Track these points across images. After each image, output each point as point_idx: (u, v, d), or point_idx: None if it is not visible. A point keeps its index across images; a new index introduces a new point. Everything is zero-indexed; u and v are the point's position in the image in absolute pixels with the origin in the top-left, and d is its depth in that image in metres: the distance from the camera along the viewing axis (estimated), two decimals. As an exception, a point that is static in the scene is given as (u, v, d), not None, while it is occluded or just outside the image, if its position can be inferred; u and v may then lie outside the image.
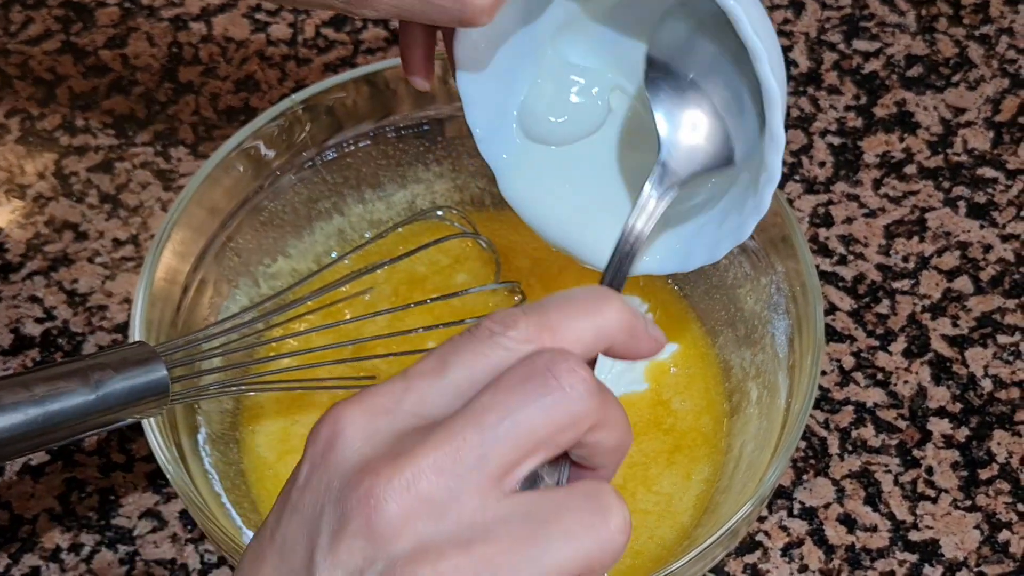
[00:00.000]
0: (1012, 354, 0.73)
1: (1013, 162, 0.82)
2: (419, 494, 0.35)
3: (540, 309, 0.38)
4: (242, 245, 0.70)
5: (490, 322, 0.38)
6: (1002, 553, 0.67)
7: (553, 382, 0.36)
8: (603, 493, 0.37)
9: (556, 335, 0.37)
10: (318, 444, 0.38)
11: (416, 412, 0.37)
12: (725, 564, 0.66)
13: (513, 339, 0.37)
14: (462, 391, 0.37)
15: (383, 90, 0.71)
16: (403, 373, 0.38)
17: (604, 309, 0.38)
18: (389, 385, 0.38)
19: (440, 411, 0.37)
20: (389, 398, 0.37)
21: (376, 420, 0.37)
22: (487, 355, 0.37)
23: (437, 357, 0.38)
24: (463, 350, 0.37)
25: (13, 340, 0.75)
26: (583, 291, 0.39)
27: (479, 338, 0.37)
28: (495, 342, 0.37)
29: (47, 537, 0.68)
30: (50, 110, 0.86)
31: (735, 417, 0.67)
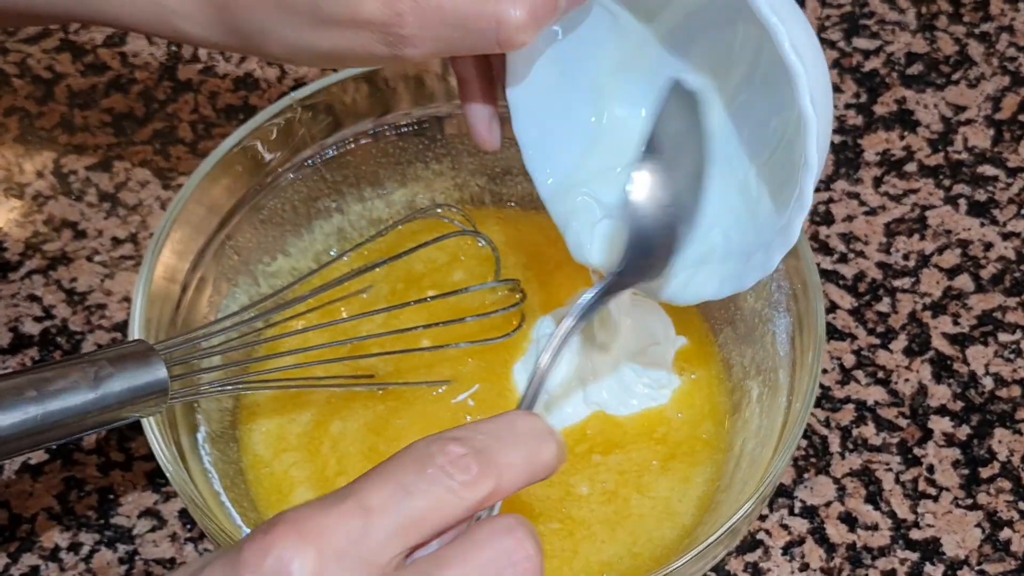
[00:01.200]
0: (1013, 352, 0.73)
1: (1014, 160, 0.81)
2: None
3: (489, 453, 0.40)
4: (241, 244, 0.70)
5: (443, 457, 0.40)
6: (1003, 552, 0.66)
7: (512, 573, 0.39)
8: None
9: (501, 482, 0.40)
10: (263, 569, 0.37)
11: (369, 559, 0.38)
12: (726, 563, 0.66)
13: (465, 485, 0.40)
14: (410, 532, 0.39)
15: (382, 88, 0.71)
16: (354, 499, 0.39)
17: (544, 451, 0.42)
18: (344, 518, 0.38)
19: (390, 556, 0.39)
20: (345, 539, 0.38)
21: (329, 567, 0.37)
22: (441, 499, 0.39)
23: (391, 491, 0.39)
24: (417, 488, 0.39)
25: (12, 339, 0.75)
26: (527, 428, 0.42)
27: (433, 476, 0.39)
28: (448, 485, 0.39)
29: (46, 536, 0.68)
30: (49, 108, 0.86)
31: (736, 415, 0.67)
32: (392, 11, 0.51)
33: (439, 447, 0.40)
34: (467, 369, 0.68)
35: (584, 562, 0.62)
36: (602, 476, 0.65)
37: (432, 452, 0.40)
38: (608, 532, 0.63)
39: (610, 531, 0.63)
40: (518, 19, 0.51)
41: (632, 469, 0.65)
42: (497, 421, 0.42)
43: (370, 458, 0.66)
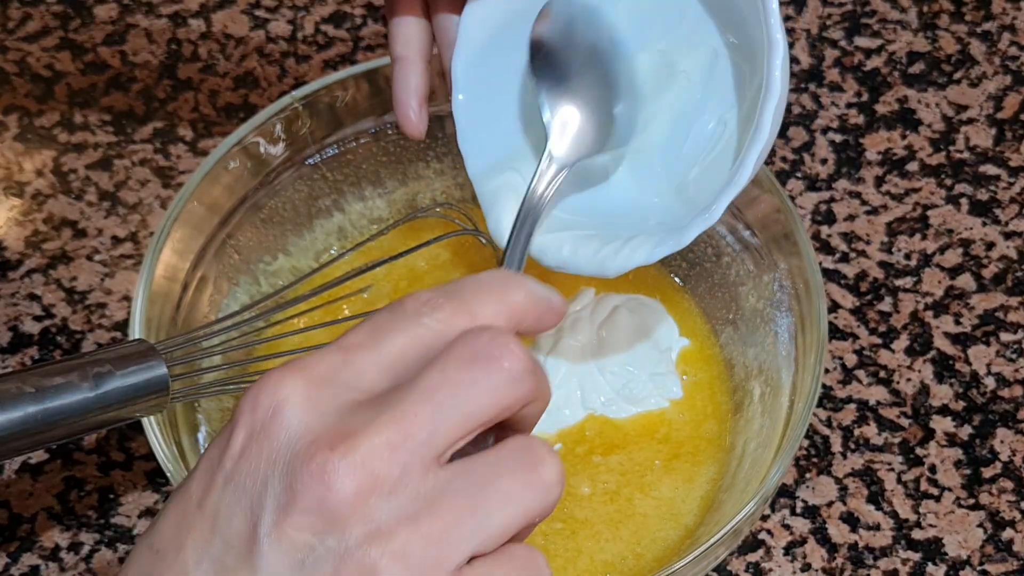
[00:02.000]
0: (1015, 352, 0.73)
1: (1015, 159, 0.81)
2: (372, 471, 0.35)
3: (457, 293, 0.39)
4: (242, 243, 0.70)
5: (413, 302, 0.39)
6: (1006, 552, 0.66)
7: (496, 364, 0.37)
8: (532, 448, 0.38)
9: (475, 319, 0.39)
10: (257, 411, 0.37)
11: (354, 385, 0.38)
12: (728, 563, 0.66)
13: (438, 320, 0.38)
14: (395, 367, 0.38)
15: (383, 87, 0.71)
16: (336, 343, 0.39)
17: (511, 291, 0.40)
18: (325, 355, 0.38)
19: (376, 385, 0.38)
20: (328, 368, 0.38)
21: (319, 391, 0.37)
22: (417, 334, 0.38)
23: (368, 332, 0.39)
24: (393, 327, 0.39)
25: (12, 338, 0.75)
26: (490, 275, 0.40)
27: (406, 315, 0.39)
28: (422, 322, 0.38)
29: (46, 536, 0.68)
30: (48, 107, 0.85)
31: (738, 415, 0.66)
32: None
33: (409, 297, 0.40)
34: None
35: (588, 562, 0.62)
36: (603, 477, 0.65)
37: (402, 301, 0.39)
38: (611, 532, 0.63)
39: (613, 531, 0.63)
40: None
41: (634, 469, 0.65)
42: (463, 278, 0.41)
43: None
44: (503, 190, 0.60)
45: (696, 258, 0.71)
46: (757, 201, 0.66)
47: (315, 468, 0.35)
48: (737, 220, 0.68)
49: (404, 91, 0.60)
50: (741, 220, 0.67)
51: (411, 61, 0.59)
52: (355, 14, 0.89)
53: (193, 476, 0.38)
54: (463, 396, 0.37)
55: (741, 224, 0.67)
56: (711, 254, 0.70)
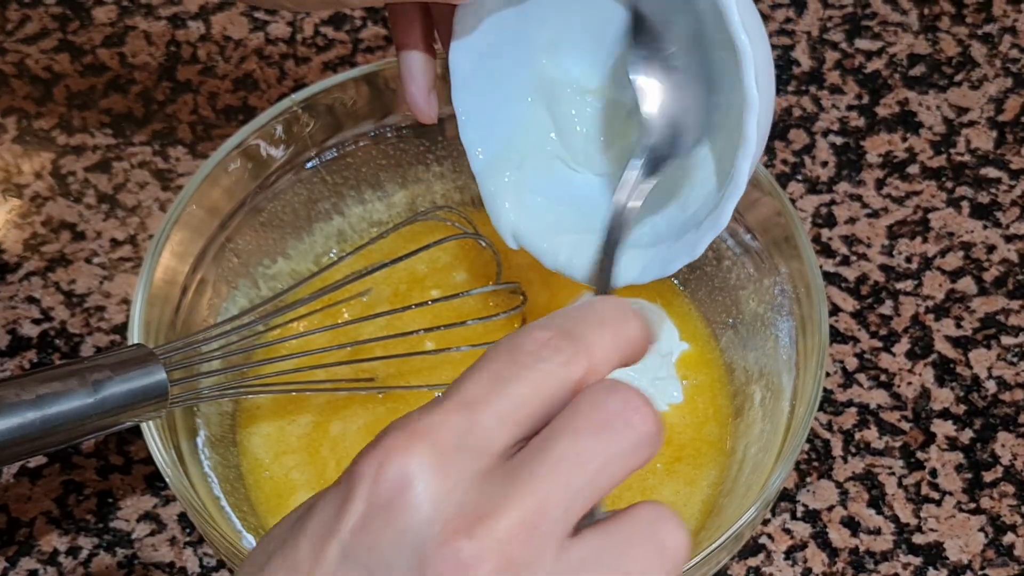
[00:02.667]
0: (1016, 355, 0.73)
1: (1017, 162, 0.81)
2: (508, 556, 0.35)
3: (576, 332, 0.38)
4: (241, 246, 0.69)
5: (531, 344, 0.38)
6: (1007, 556, 0.66)
7: (629, 431, 0.37)
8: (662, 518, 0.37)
9: (593, 358, 0.38)
10: (381, 483, 0.35)
11: (481, 448, 0.36)
12: (729, 568, 0.66)
13: (560, 365, 0.37)
14: (518, 419, 0.37)
15: (383, 90, 0.70)
16: (454, 398, 0.37)
17: (628, 327, 0.39)
18: (448, 415, 0.37)
19: (502, 444, 0.37)
20: (455, 433, 0.36)
21: (447, 463, 0.36)
22: (539, 382, 0.37)
23: (488, 382, 0.37)
24: (513, 375, 0.37)
25: (10, 341, 0.75)
26: (605, 308, 0.39)
27: (525, 361, 0.37)
28: (542, 368, 0.37)
29: (45, 540, 0.68)
30: (47, 109, 0.85)
31: (738, 420, 0.66)
32: None
33: (525, 335, 0.38)
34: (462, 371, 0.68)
35: (586, 568, 0.62)
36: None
37: (519, 342, 0.38)
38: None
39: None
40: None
41: (636, 474, 0.65)
42: (576, 307, 0.40)
43: (370, 461, 0.65)
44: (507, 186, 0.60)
45: (696, 262, 0.70)
46: (757, 204, 0.66)
47: (449, 555, 0.34)
48: (738, 223, 0.67)
49: (410, 78, 0.59)
50: (742, 223, 0.67)
51: (414, 48, 0.59)
52: (355, 16, 0.89)
53: (300, 534, 0.36)
54: (596, 467, 0.36)
55: (741, 227, 0.67)
56: (711, 258, 0.69)
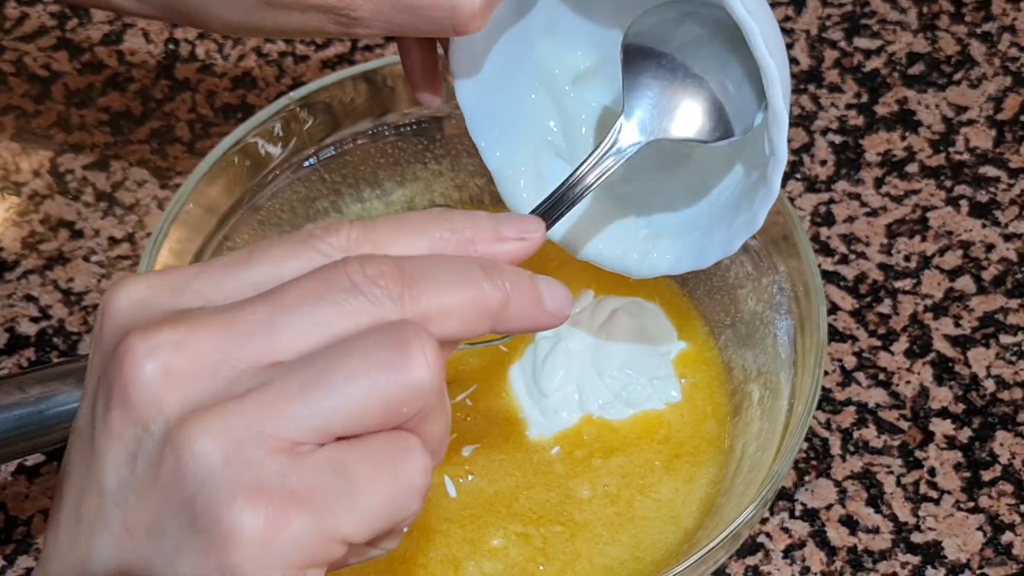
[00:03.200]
0: (1015, 354, 0.73)
1: (1015, 161, 0.81)
2: (181, 355, 0.33)
3: (370, 222, 0.35)
4: (240, 244, 0.69)
5: (311, 226, 0.36)
6: (1005, 555, 0.66)
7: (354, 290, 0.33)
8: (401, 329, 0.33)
9: (377, 246, 0.35)
10: (96, 317, 0.35)
11: (204, 295, 0.34)
12: (726, 566, 0.66)
13: (331, 245, 0.35)
14: (261, 287, 0.34)
15: (381, 88, 0.70)
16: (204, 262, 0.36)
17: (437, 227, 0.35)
18: (183, 268, 0.35)
19: (230, 301, 0.34)
20: (177, 277, 0.35)
21: (157, 293, 0.34)
22: (297, 256, 0.35)
23: (245, 252, 0.35)
24: (274, 247, 0.35)
25: (8, 339, 0.75)
26: (421, 213, 0.36)
27: (295, 239, 0.35)
28: (311, 245, 0.35)
29: (42, 538, 0.68)
30: (45, 107, 0.85)
31: (737, 418, 0.66)
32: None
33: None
34: (466, 369, 0.68)
35: (586, 565, 0.62)
36: (604, 479, 0.64)
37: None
38: (611, 535, 0.63)
39: (613, 534, 0.63)
40: (473, 6, 0.50)
41: (634, 471, 0.65)
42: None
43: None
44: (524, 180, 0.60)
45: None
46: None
47: (120, 357, 0.33)
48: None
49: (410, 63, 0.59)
50: (740, 222, 0.67)
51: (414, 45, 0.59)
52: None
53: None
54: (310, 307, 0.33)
55: (740, 226, 0.67)
56: (710, 256, 0.69)
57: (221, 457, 0.32)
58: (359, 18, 0.51)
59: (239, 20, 0.53)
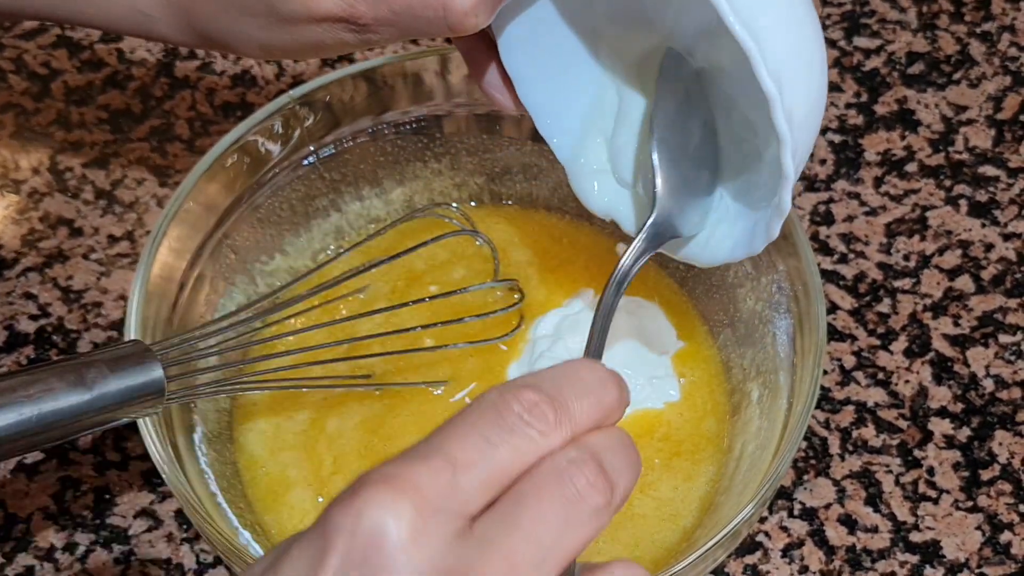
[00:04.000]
0: (1014, 354, 0.73)
1: (1015, 160, 0.81)
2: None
3: (560, 397, 0.41)
4: (239, 242, 0.69)
5: (518, 404, 0.40)
6: (1004, 555, 0.66)
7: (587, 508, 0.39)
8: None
9: (575, 427, 0.40)
10: (358, 535, 0.36)
11: (460, 511, 0.37)
12: (725, 565, 0.66)
13: (543, 433, 0.39)
14: (497, 485, 0.39)
15: (381, 86, 0.70)
16: (442, 454, 0.38)
17: (608, 393, 0.42)
18: (433, 472, 0.38)
19: (478, 507, 0.38)
20: (438, 492, 0.37)
21: (426, 523, 0.36)
22: (522, 450, 0.39)
23: (474, 445, 0.39)
24: (500, 441, 0.39)
25: (7, 337, 0.75)
26: (590, 373, 0.43)
27: (511, 427, 0.39)
28: (527, 435, 0.39)
29: (41, 536, 0.68)
30: (45, 105, 0.85)
31: (736, 417, 0.66)
32: (346, 3, 0.52)
33: (514, 395, 0.40)
34: (465, 367, 0.68)
35: (584, 564, 0.62)
36: (602, 478, 0.64)
37: (507, 400, 0.40)
38: (610, 534, 0.63)
39: (612, 532, 0.63)
40: (464, 4, 0.51)
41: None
42: (563, 368, 0.43)
43: (366, 456, 0.65)
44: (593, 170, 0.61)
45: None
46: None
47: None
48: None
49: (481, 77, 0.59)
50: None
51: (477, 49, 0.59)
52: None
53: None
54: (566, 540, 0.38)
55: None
56: (709, 255, 0.69)
57: None
58: (366, 24, 0.52)
59: (265, 40, 0.55)
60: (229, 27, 0.55)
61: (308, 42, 0.54)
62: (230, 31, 0.55)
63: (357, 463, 0.65)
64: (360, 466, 0.65)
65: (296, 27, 0.53)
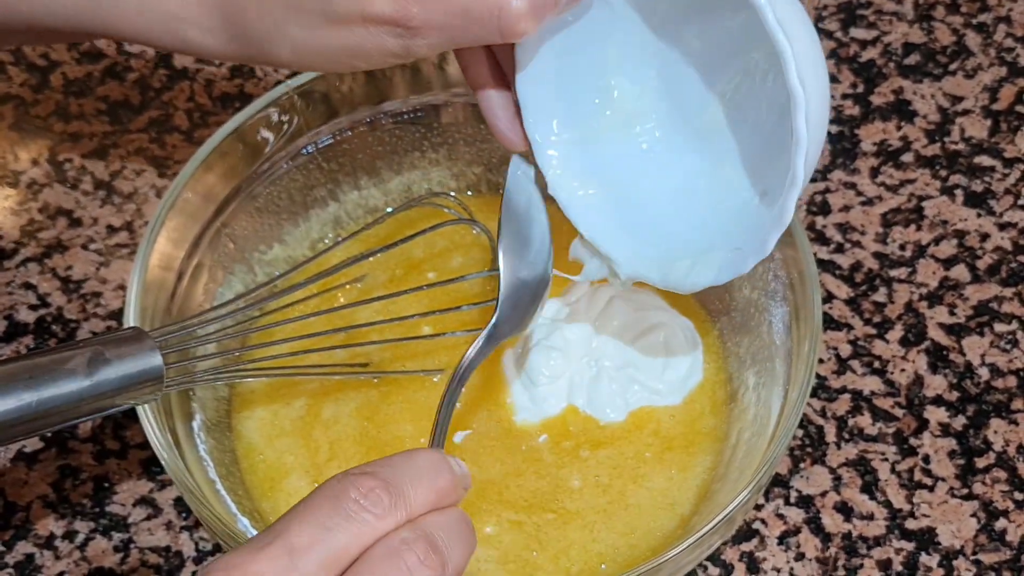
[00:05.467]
0: (1009, 342, 0.73)
1: (1010, 150, 0.81)
2: None
3: (396, 483, 0.45)
4: (237, 232, 0.70)
5: (355, 492, 0.44)
6: (999, 541, 0.66)
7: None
8: None
9: (409, 506, 0.45)
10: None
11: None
12: (722, 552, 0.66)
13: (378, 517, 0.44)
14: (334, 567, 0.43)
15: (379, 76, 0.71)
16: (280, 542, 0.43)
17: (441, 478, 0.47)
18: (270, 560, 0.42)
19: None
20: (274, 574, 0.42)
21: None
22: (358, 533, 0.44)
23: (311, 531, 0.43)
24: (335, 527, 0.43)
25: (7, 327, 0.75)
26: (425, 460, 0.47)
27: (348, 513, 0.44)
28: (363, 519, 0.44)
29: (41, 524, 0.68)
30: (44, 96, 0.85)
31: (732, 405, 0.67)
32: (399, 4, 0.52)
33: (351, 482, 0.44)
34: (459, 353, 0.68)
35: (580, 552, 0.62)
36: (593, 470, 0.65)
37: (346, 487, 0.44)
38: (604, 522, 0.63)
39: (606, 521, 0.63)
40: (519, 8, 0.52)
41: (625, 463, 0.65)
42: (401, 456, 0.47)
43: (362, 443, 0.66)
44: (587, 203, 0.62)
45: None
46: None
47: None
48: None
49: (493, 115, 0.60)
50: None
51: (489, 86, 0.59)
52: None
53: None
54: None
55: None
56: (706, 244, 0.70)
57: None
58: (415, 27, 0.53)
59: (305, 42, 0.54)
60: (273, 26, 0.55)
61: (350, 46, 0.54)
62: (272, 31, 0.55)
63: (353, 449, 0.66)
64: (355, 452, 0.65)
65: (343, 28, 0.53)
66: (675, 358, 0.68)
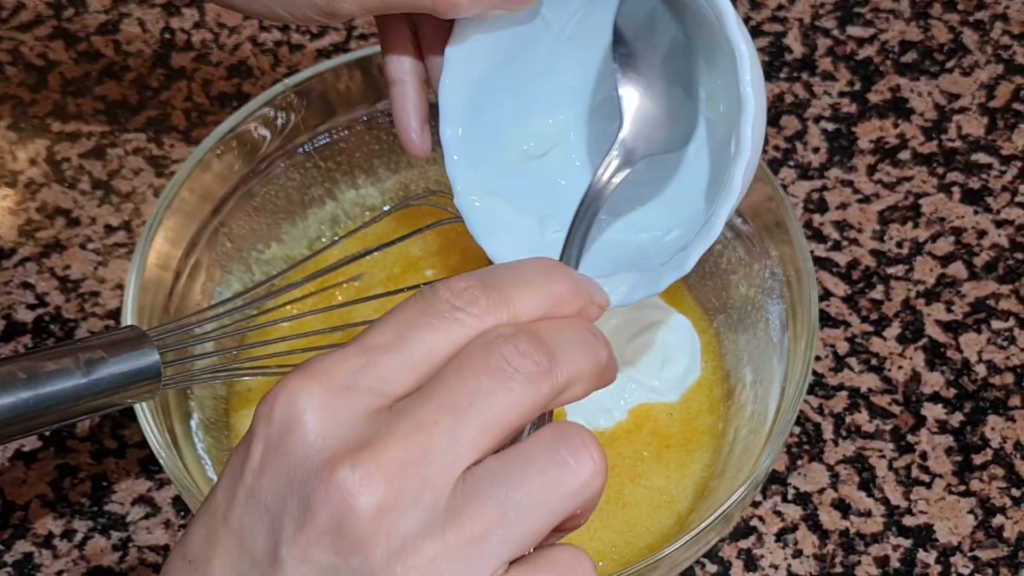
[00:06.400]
0: (1006, 339, 0.73)
1: (1007, 148, 0.81)
2: (391, 487, 0.34)
3: (496, 283, 0.38)
4: (235, 231, 0.70)
5: (448, 294, 0.37)
6: (996, 538, 0.67)
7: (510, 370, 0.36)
8: (565, 439, 0.36)
9: (513, 310, 0.38)
10: (273, 423, 0.36)
11: (376, 389, 0.36)
12: (719, 549, 0.66)
13: (474, 316, 0.37)
14: (421, 368, 0.37)
15: (376, 75, 0.71)
16: (357, 343, 0.37)
17: (554, 281, 0.39)
18: (344, 357, 0.37)
19: (399, 388, 0.37)
20: (346, 373, 0.36)
21: (336, 400, 0.36)
22: (448, 332, 0.37)
23: (394, 330, 0.37)
24: (422, 325, 0.37)
25: (5, 326, 0.75)
26: (533, 264, 0.39)
27: (438, 312, 0.37)
28: (456, 318, 0.37)
29: (39, 523, 0.68)
30: (42, 96, 0.85)
31: (729, 402, 0.67)
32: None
33: (443, 284, 0.38)
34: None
35: (577, 548, 0.62)
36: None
37: (436, 288, 0.38)
38: (601, 521, 0.63)
39: (603, 520, 0.63)
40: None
41: (623, 462, 0.65)
42: (502, 264, 0.40)
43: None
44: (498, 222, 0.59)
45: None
46: (749, 189, 0.66)
47: (332, 487, 0.34)
48: (729, 208, 0.68)
49: (403, 113, 0.58)
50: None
51: (407, 83, 0.58)
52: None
53: (219, 486, 0.37)
54: (482, 404, 0.36)
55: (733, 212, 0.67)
56: (703, 242, 0.70)
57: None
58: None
59: None
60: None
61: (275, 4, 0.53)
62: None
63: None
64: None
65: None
66: (673, 356, 0.68)
